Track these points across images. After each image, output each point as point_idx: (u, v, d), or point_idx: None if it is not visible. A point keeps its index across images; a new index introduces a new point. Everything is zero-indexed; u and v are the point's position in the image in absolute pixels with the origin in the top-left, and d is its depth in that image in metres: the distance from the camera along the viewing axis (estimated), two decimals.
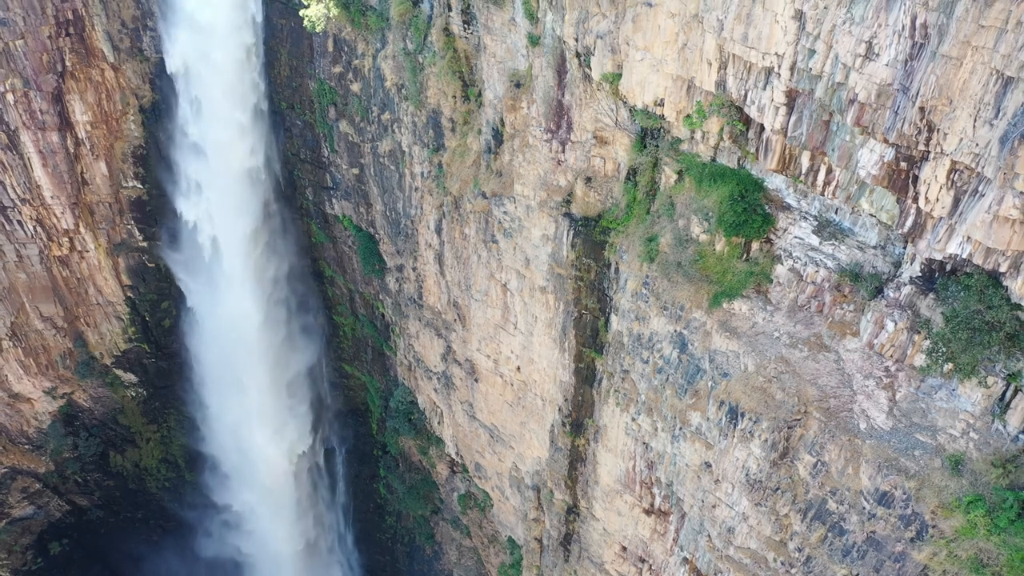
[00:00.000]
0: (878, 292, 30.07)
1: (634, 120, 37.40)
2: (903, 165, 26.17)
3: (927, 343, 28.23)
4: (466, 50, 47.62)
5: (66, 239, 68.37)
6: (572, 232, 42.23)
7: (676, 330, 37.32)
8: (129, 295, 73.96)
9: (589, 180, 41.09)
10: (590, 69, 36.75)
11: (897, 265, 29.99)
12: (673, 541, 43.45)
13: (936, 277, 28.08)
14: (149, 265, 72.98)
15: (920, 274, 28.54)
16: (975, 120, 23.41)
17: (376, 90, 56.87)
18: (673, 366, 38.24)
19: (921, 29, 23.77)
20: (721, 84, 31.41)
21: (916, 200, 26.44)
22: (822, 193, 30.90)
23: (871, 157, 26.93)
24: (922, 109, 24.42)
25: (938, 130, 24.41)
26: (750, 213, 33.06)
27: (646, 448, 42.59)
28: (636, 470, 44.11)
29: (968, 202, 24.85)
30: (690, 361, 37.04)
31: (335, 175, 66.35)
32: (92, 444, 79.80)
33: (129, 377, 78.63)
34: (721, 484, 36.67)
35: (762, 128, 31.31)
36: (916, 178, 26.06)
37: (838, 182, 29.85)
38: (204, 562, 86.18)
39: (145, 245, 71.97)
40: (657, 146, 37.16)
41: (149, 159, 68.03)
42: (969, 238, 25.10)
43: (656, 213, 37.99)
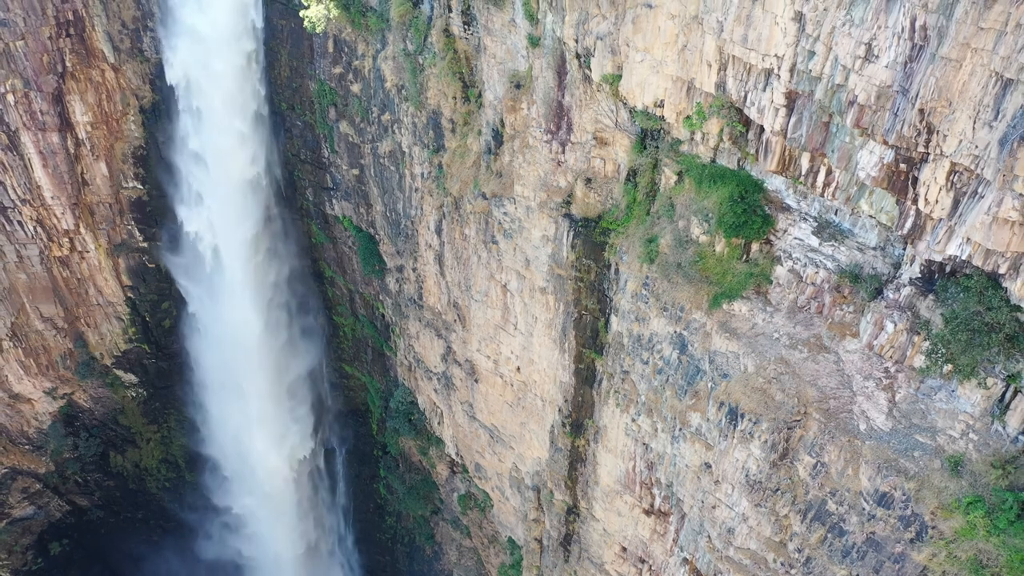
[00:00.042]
0: (878, 293, 30.08)
1: (634, 121, 37.41)
2: (903, 167, 26.19)
3: (927, 344, 28.25)
4: (466, 51, 47.62)
5: (66, 239, 68.39)
6: (572, 233, 42.24)
7: (676, 331, 37.34)
8: (129, 295, 73.98)
9: (589, 181, 41.11)
10: (590, 70, 36.76)
11: (897, 266, 30.01)
12: (673, 542, 43.46)
13: (936, 278, 28.09)
14: (149, 266, 72.96)
15: (920, 275, 28.55)
16: (974, 122, 23.43)
17: (376, 91, 56.86)
18: (673, 367, 38.25)
19: (920, 31, 23.79)
20: (721, 85, 31.43)
21: (916, 201, 26.46)
22: (822, 194, 30.93)
23: (871, 159, 26.95)
24: (922, 111, 24.45)
25: (937, 132, 24.44)
26: (750, 214, 33.08)
27: (646, 449, 42.61)
28: (636, 471, 44.13)
29: (967, 204, 24.88)
30: (690, 362, 37.05)
31: (335, 176, 66.33)
32: (92, 444, 79.80)
33: (129, 377, 78.62)
34: (721, 485, 36.69)
35: (762, 129, 31.35)
36: (916, 180, 26.09)
37: (838, 183, 29.87)
38: (205, 564, 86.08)
39: (145, 246, 71.96)
40: (657, 147, 37.18)
41: (149, 160, 68.03)
42: (968, 239, 25.13)
43: (656, 214, 38.00)
